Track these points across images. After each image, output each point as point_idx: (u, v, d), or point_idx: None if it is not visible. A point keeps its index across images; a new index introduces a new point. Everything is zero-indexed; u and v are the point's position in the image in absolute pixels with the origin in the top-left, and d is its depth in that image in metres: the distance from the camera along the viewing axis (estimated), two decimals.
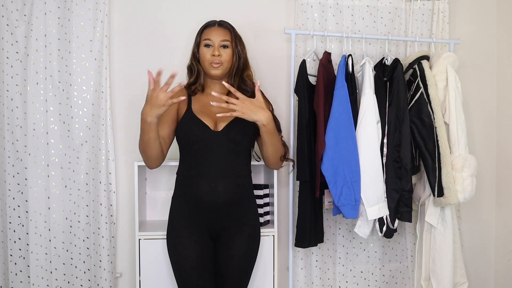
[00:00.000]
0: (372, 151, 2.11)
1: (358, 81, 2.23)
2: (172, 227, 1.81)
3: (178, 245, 1.77)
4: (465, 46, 2.60)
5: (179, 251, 1.77)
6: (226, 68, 1.85)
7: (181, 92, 1.82)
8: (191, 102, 1.84)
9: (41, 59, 2.18)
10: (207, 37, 1.85)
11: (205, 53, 1.84)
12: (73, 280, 2.26)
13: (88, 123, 2.24)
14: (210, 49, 1.83)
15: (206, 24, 1.89)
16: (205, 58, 1.84)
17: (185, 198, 1.78)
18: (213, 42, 1.83)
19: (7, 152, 2.18)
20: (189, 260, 1.74)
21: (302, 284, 2.45)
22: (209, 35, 1.84)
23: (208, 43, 1.84)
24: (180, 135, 1.78)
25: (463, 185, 2.15)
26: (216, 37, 1.84)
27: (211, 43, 1.83)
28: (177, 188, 1.83)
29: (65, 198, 2.24)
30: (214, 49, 1.83)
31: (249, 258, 1.84)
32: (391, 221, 2.17)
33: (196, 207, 1.76)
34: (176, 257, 1.78)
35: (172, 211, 1.83)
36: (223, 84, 1.80)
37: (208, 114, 1.80)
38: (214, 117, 1.79)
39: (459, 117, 2.21)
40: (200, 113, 1.80)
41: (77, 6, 2.20)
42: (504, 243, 2.65)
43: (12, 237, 2.20)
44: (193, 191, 1.75)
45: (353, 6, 2.46)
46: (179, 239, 1.77)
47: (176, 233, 1.79)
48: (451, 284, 2.25)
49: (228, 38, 1.85)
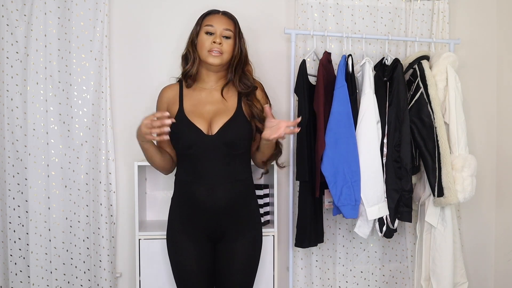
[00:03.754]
0: (372, 151, 2.11)
1: (358, 81, 2.23)
2: (171, 230, 1.79)
3: (177, 249, 1.75)
4: (465, 46, 2.60)
5: (178, 254, 1.75)
6: (225, 60, 1.73)
7: (172, 91, 1.78)
8: (182, 100, 1.75)
9: (41, 59, 2.18)
10: (209, 23, 1.73)
11: (205, 40, 1.71)
12: (73, 280, 2.26)
13: (88, 123, 2.24)
14: (210, 37, 1.72)
15: (209, 12, 1.78)
16: (203, 45, 1.71)
17: (184, 202, 1.74)
18: (215, 29, 1.72)
19: (7, 152, 2.18)
20: (187, 264, 1.72)
21: (302, 284, 2.45)
22: (212, 21, 1.73)
23: (209, 30, 1.72)
24: (173, 138, 1.68)
25: (463, 185, 2.15)
26: (219, 24, 1.72)
27: (213, 30, 1.72)
28: (176, 192, 1.79)
29: (65, 198, 2.24)
30: (216, 36, 1.71)
31: (251, 262, 1.79)
32: (391, 221, 2.17)
33: (195, 212, 1.71)
34: (175, 261, 1.76)
35: (171, 214, 1.80)
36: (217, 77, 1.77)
37: (200, 115, 1.72)
38: (207, 117, 1.71)
39: (459, 117, 2.21)
40: (192, 113, 1.71)
41: (77, 6, 2.20)
42: (504, 243, 2.65)
43: (12, 237, 2.20)
44: (191, 196, 1.70)
45: (353, 6, 2.46)
46: (178, 243, 1.75)
47: (175, 237, 1.76)
48: (451, 284, 2.25)
49: (231, 28, 1.74)
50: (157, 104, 1.84)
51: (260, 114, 1.76)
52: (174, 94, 1.78)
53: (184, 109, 1.72)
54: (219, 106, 1.74)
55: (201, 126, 1.69)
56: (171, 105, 1.77)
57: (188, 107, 1.73)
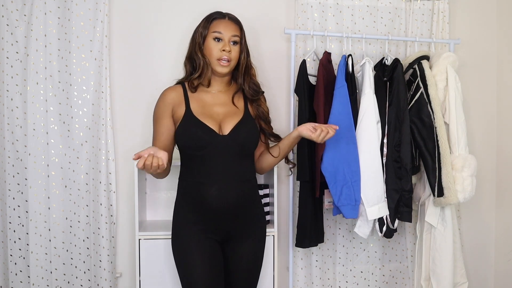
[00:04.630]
0: (372, 151, 2.11)
1: (358, 81, 2.23)
2: (178, 235, 1.71)
3: (186, 254, 1.67)
4: (465, 46, 2.60)
5: (187, 260, 1.66)
6: (233, 66, 1.74)
7: (175, 93, 1.74)
8: (189, 102, 1.72)
9: (41, 59, 2.18)
10: (217, 29, 1.70)
11: (213, 47, 1.70)
12: (73, 280, 2.26)
13: (88, 123, 2.24)
14: (219, 44, 1.70)
15: (215, 15, 1.75)
16: (211, 52, 1.70)
17: (192, 204, 1.69)
18: (223, 36, 1.70)
19: (7, 152, 2.18)
20: (198, 266, 1.64)
21: (302, 284, 2.45)
22: (220, 27, 1.71)
23: (218, 36, 1.70)
24: (184, 140, 1.67)
25: (463, 185, 2.15)
26: (228, 31, 1.71)
27: (222, 36, 1.70)
28: (181, 194, 1.73)
29: (65, 198, 2.24)
30: (225, 44, 1.70)
31: (258, 261, 1.78)
32: (391, 221, 2.17)
33: (204, 213, 1.67)
34: (184, 267, 1.68)
35: (177, 216, 1.74)
36: (223, 80, 1.78)
37: (210, 116, 1.70)
38: (217, 118, 1.70)
39: (459, 117, 2.21)
40: (202, 115, 1.69)
41: (77, 6, 2.20)
42: (504, 243, 2.64)
43: (12, 237, 2.20)
44: (200, 197, 1.66)
45: (353, 6, 2.46)
46: (187, 248, 1.67)
47: (183, 242, 1.69)
48: (451, 284, 2.25)
49: (238, 33, 1.73)
50: (159, 106, 1.74)
51: (266, 115, 1.82)
52: (178, 96, 1.74)
53: (192, 111, 1.70)
54: (228, 108, 1.75)
55: (212, 126, 1.68)
56: (176, 107, 1.72)
57: (196, 109, 1.71)
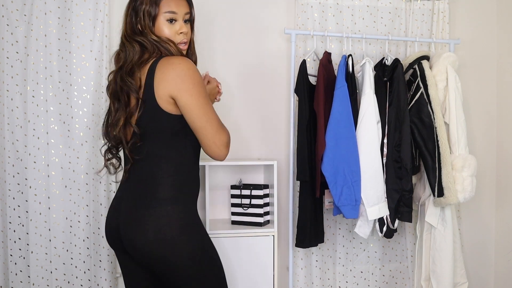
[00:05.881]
0: (372, 151, 2.11)
1: (358, 81, 2.23)
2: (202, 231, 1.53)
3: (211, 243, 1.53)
4: (465, 46, 2.60)
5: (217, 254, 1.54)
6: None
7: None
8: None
9: (41, 59, 2.18)
10: (170, 9, 1.46)
11: (168, 30, 1.47)
12: (73, 280, 2.26)
13: (88, 123, 2.24)
14: (174, 25, 1.48)
15: None
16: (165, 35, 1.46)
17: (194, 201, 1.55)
18: (177, 16, 1.47)
19: (7, 152, 2.18)
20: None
21: (302, 284, 2.45)
22: (172, 6, 1.46)
23: (172, 17, 1.46)
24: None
25: (463, 185, 2.15)
26: (181, 9, 1.48)
27: (175, 17, 1.47)
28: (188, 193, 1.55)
29: (65, 198, 2.23)
30: (182, 26, 1.48)
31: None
32: (391, 221, 2.17)
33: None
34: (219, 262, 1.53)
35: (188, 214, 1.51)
36: None
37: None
38: None
39: (459, 117, 2.21)
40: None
41: (77, 6, 2.20)
42: (504, 243, 2.65)
43: (12, 237, 2.20)
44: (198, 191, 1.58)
45: (353, 6, 2.46)
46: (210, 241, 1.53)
47: (208, 237, 1.53)
48: (451, 284, 2.25)
49: (189, 10, 1.52)
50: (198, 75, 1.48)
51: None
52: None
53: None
54: None
55: None
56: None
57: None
